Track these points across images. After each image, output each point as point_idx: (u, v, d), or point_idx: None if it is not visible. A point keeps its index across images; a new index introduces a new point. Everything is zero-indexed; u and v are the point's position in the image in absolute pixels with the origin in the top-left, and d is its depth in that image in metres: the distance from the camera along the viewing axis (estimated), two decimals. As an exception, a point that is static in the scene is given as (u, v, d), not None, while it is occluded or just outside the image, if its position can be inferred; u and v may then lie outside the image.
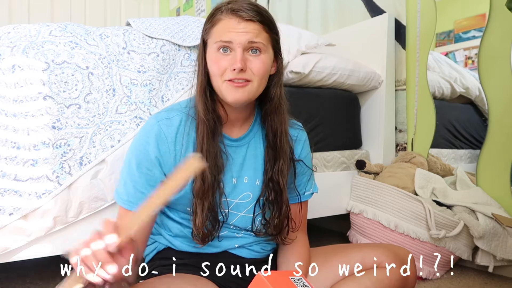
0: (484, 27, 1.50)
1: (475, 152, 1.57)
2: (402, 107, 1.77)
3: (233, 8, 0.78)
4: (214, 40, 0.79)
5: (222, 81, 0.78)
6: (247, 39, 0.77)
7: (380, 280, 0.84)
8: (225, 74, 0.78)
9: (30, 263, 1.46)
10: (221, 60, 0.78)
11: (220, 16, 0.79)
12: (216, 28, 0.79)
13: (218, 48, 0.78)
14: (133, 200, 0.79)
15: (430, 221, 1.31)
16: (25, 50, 0.95)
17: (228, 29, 0.77)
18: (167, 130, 0.80)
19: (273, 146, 0.87)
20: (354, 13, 2.04)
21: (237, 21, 0.77)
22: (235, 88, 0.78)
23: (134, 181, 0.79)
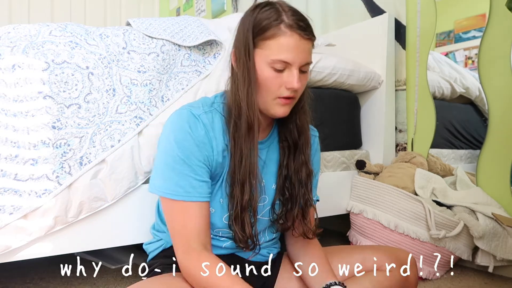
0: (484, 27, 1.50)
1: (475, 152, 1.57)
2: (402, 107, 1.77)
3: (295, 25, 0.76)
4: (271, 55, 0.76)
5: (273, 98, 0.79)
6: (305, 60, 0.78)
7: (380, 282, 0.84)
8: (278, 91, 0.78)
9: (30, 263, 1.46)
10: (278, 78, 0.77)
11: (280, 29, 0.75)
12: (275, 42, 0.75)
13: (274, 66, 0.76)
14: (193, 192, 0.77)
15: (430, 221, 1.31)
16: (25, 50, 0.95)
17: (289, 48, 0.75)
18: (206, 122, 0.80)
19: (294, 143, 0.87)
20: (354, 13, 2.04)
21: (298, 39, 0.76)
22: (284, 105, 0.80)
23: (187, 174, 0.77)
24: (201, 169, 0.78)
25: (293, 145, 0.88)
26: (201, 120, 0.79)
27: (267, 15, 0.77)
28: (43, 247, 0.97)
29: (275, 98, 0.79)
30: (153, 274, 0.87)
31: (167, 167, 0.78)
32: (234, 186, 0.80)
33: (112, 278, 1.36)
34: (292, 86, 0.77)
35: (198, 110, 0.80)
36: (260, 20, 0.77)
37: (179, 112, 0.80)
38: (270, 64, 0.77)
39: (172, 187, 0.76)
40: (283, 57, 0.75)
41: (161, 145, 0.80)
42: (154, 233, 0.97)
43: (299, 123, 0.87)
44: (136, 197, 1.08)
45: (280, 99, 0.79)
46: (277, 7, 0.78)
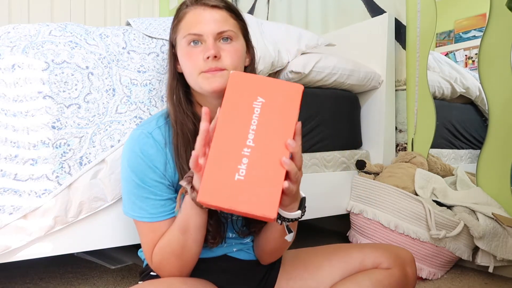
0: (484, 27, 1.50)
1: (475, 152, 1.57)
2: (402, 107, 1.77)
3: (195, 1, 0.78)
4: (183, 35, 0.78)
5: (197, 74, 0.77)
6: (217, 27, 0.76)
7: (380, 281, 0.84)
8: (199, 66, 0.77)
9: (30, 263, 1.46)
10: (193, 53, 0.77)
11: (184, 9, 0.79)
12: (183, 22, 0.79)
13: (188, 42, 0.77)
14: (154, 212, 0.78)
15: (430, 221, 1.31)
16: (25, 50, 0.95)
17: (195, 20, 0.77)
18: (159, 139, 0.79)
19: None
20: (354, 13, 2.04)
21: (202, 9, 0.77)
22: (212, 77, 0.76)
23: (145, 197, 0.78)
24: (160, 188, 0.78)
25: None
26: (153, 137, 0.78)
27: (181, 4, 0.82)
28: (43, 247, 0.97)
29: (199, 73, 0.77)
30: (149, 278, 0.86)
31: (128, 192, 0.79)
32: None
33: (112, 278, 1.36)
34: (208, 53, 0.74)
35: (150, 126, 0.80)
36: (175, 12, 0.82)
37: (132, 134, 0.80)
38: (185, 42, 0.78)
39: (136, 210, 0.78)
40: (192, 30, 0.76)
41: (121, 171, 0.81)
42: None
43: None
44: (136, 197, 1.08)
45: (205, 73, 0.77)
46: None
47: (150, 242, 0.79)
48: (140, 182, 0.77)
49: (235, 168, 0.59)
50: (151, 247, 0.79)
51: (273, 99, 0.63)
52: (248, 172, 0.59)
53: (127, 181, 0.79)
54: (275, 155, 0.60)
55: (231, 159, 0.59)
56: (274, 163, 0.60)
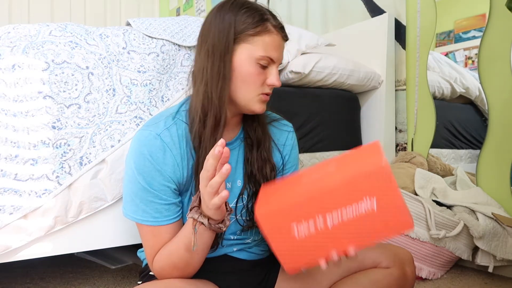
0: (484, 27, 1.50)
1: (475, 152, 1.57)
2: (402, 107, 1.77)
3: (279, 26, 0.79)
4: (258, 51, 0.77)
5: (257, 94, 0.79)
6: (282, 60, 0.82)
7: (379, 280, 0.84)
8: (262, 87, 0.79)
9: (30, 263, 1.46)
10: (262, 75, 0.79)
11: (267, 28, 0.77)
12: (262, 40, 0.77)
13: (259, 62, 0.77)
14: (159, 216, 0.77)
15: (430, 221, 1.31)
16: (25, 50, 0.95)
17: (274, 45, 0.78)
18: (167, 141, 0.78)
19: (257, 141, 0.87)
20: (354, 13, 2.04)
21: (281, 39, 0.80)
22: (264, 102, 0.81)
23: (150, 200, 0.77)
24: (166, 192, 0.77)
25: (256, 142, 0.88)
26: (162, 139, 0.77)
27: (252, 13, 0.77)
28: (43, 247, 0.97)
29: (258, 95, 0.79)
30: (148, 278, 0.86)
31: (132, 194, 0.77)
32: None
33: (112, 278, 1.36)
34: (274, 83, 0.79)
35: (158, 128, 0.78)
36: (247, 17, 0.77)
37: (139, 134, 0.78)
38: (256, 60, 0.77)
39: (140, 213, 0.77)
40: (270, 54, 0.77)
41: (125, 171, 0.80)
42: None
43: (260, 120, 0.88)
44: (136, 197, 1.08)
45: (262, 95, 0.80)
46: (258, 6, 0.80)
47: (152, 246, 0.78)
48: (146, 185, 0.76)
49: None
50: (153, 251, 0.78)
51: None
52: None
53: (132, 183, 0.77)
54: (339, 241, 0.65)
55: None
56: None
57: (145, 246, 0.80)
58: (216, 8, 0.80)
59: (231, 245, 0.88)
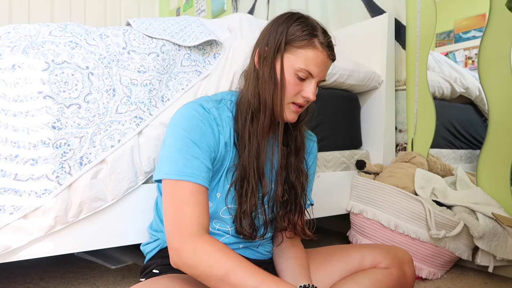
0: (484, 27, 1.50)
1: (475, 152, 1.57)
2: (402, 107, 1.77)
3: (326, 43, 0.82)
4: (299, 63, 0.81)
5: (288, 102, 0.84)
6: (324, 77, 0.85)
7: (379, 280, 0.84)
8: (295, 97, 0.83)
9: (30, 263, 1.46)
10: (298, 86, 0.83)
11: (313, 43, 0.81)
12: (306, 53, 0.81)
13: (297, 74, 0.82)
14: (199, 174, 0.76)
15: (430, 221, 1.31)
16: (25, 50, 0.95)
17: (317, 62, 0.81)
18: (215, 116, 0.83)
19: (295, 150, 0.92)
20: (354, 13, 2.04)
21: (326, 57, 0.83)
22: (295, 111, 0.85)
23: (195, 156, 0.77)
24: (208, 155, 0.79)
25: (294, 151, 0.93)
26: (211, 113, 0.82)
27: (303, 27, 0.82)
28: (43, 247, 0.97)
29: (289, 103, 0.84)
30: (151, 275, 0.86)
31: (175, 151, 0.77)
32: (246, 180, 0.83)
33: (112, 278, 1.36)
34: (308, 96, 0.83)
35: (207, 104, 0.83)
36: (297, 30, 0.82)
37: (189, 104, 0.83)
38: (295, 71, 0.81)
39: (179, 168, 0.75)
40: (309, 68, 0.81)
41: (169, 132, 0.80)
42: (151, 232, 0.97)
43: (302, 132, 0.93)
44: (136, 197, 1.08)
45: (293, 105, 0.84)
46: (312, 22, 0.85)
47: (184, 214, 0.73)
48: (195, 141, 0.77)
49: None
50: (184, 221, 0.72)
51: None
52: None
53: (176, 139, 0.78)
54: None
55: None
56: None
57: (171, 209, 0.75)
58: (276, 18, 0.88)
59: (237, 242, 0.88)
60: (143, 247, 0.97)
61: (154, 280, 0.78)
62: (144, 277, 0.89)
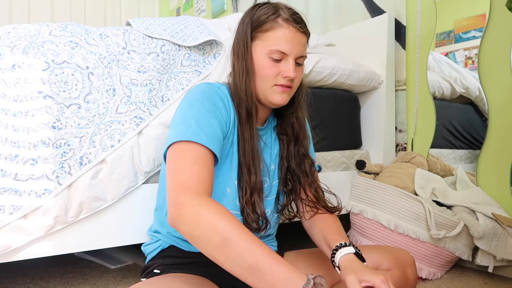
0: (484, 27, 1.50)
1: (475, 152, 1.57)
2: (402, 107, 1.77)
3: (291, 19, 0.82)
4: (269, 46, 0.82)
5: (271, 85, 0.84)
6: (300, 52, 0.84)
7: None
8: (276, 79, 0.84)
9: (30, 263, 1.46)
10: (274, 67, 0.83)
11: (277, 23, 0.82)
12: (273, 34, 0.82)
13: (271, 56, 0.82)
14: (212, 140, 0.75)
15: (430, 221, 1.31)
16: (25, 50, 0.95)
17: (285, 39, 0.82)
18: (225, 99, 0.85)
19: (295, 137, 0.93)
20: (354, 13, 2.04)
21: (294, 31, 0.82)
22: (282, 92, 0.85)
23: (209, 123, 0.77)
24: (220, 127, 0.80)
25: (293, 138, 0.93)
26: (221, 90, 0.85)
27: (265, 11, 0.84)
28: (43, 247, 0.97)
29: (272, 86, 0.84)
30: (152, 275, 0.86)
31: (189, 116, 0.76)
32: (242, 170, 0.84)
33: (112, 278, 1.36)
34: (288, 74, 0.82)
35: (216, 84, 0.86)
36: (259, 15, 0.84)
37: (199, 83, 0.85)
38: (268, 54, 0.82)
39: (192, 130, 0.73)
40: (280, 47, 0.81)
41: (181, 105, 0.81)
42: (151, 234, 0.97)
43: (299, 117, 0.93)
44: (136, 197, 1.08)
45: (277, 86, 0.84)
46: (275, 5, 0.85)
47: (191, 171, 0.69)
48: (209, 109, 0.78)
49: None
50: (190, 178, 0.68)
51: None
52: None
53: (191, 107, 0.78)
54: None
55: None
56: None
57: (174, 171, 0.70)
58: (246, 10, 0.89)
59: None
60: (144, 248, 0.97)
61: (155, 280, 0.78)
62: (145, 277, 0.89)
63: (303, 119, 0.95)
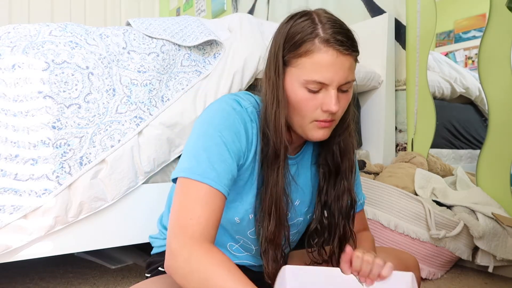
0: (484, 27, 1.50)
1: (475, 152, 1.57)
2: (402, 107, 1.77)
3: (332, 39, 0.66)
4: (304, 75, 0.68)
5: (309, 121, 0.71)
6: (344, 78, 0.68)
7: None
8: (315, 114, 0.70)
9: (30, 263, 1.46)
10: (312, 100, 0.69)
11: (315, 45, 0.67)
12: (309, 60, 0.67)
13: (308, 87, 0.68)
14: (222, 179, 0.67)
15: (430, 221, 1.31)
16: (25, 50, 0.95)
17: (325, 66, 0.66)
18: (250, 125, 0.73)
19: (335, 168, 0.79)
20: (354, 13, 2.04)
21: (335, 56, 0.67)
22: (321, 128, 0.72)
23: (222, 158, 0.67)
24: (237, 160, 0.70)
25: (334, 170, 0.80)
26: (248, 114, 0.72)
27: (301, 28, 0.69)
28: (43, 247, 0.97)
29: (311, 121, 0.71)
30: (156, 272, 0.86)
31: (201, 149, 0.68)
32: (261, 213, 0.74)
33: (112, 278, 1.36)
34: (329, 108, 0.68)
35: (245, 102, 0.74)
36: (293, 34, 0.69)
37: (226, 97, 0.73)
38: (303, 84, 0.68)
39: (203, 168, 0.66)
40: (317, 77, 0.67)
41: (197, 127, 0.71)
42: (160, 229, 0.93)
43: (342, 146, 0.79)
44: (136, 197, 1.08)
45: (317, 122, 0.71)
46: (313, 18, 0.70)
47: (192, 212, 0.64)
48: (226, 140, 0.68)
49: None
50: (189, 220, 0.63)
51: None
52: None
53: (205, 135, 0.68)
54: None
55: None
56: None
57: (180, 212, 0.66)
58: (282, 22, 0.74)
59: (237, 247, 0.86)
60: (152, 239, 0.94)
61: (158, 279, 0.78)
62: (150, 273, 0.89)
63: (348, 147, 0.79)
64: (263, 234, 0.74)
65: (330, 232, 0.81)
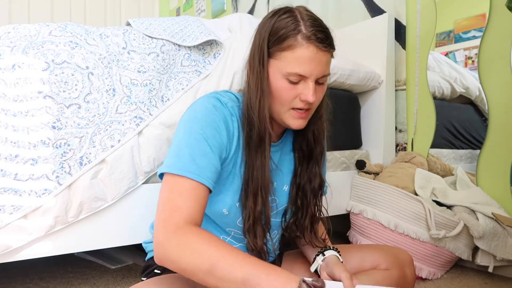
0: (484, 27, 1.50)
1: (475, 152, 1.57)
2: (402, 107, 1.77)
3: (313, 37, 0.73)
4: (286, 67, 0.74)
5: (287, 109, 0.78)
6: (321, 72, 0.75)
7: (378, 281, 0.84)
8: (293, 102, 0.77)
9: (30, 263, 1.46)
10: (291, 90, 0.76)
11: (297, 40, 0.73)
12: (291, 54, 0.73)
13: (289, 78, 0.75)
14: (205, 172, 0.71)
15: (430, 221, 1.31)
16: (25, 50, 0.95)
17: (305, 60, 0.73)
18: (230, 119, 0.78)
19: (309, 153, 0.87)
20: (354, 13, 2.04)
21: (315, 51, 0.73)
22: (299, 117, 0.78)
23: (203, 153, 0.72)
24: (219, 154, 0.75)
25: (308, 154, 0.88)
26: (228, 108, 0.78)
27: (284, 24, 0.74)
28: (43, 247, 0.97)
29: (289, 109, 0.78)
30: (152, 275, 0.86)
31: (183, 145, 0.73)
32: (247, 196, 0.79)
33: (112, 278, 1.36)
34: (307, 99, 0.75)
35: (225, 99, 0.79)
36: (277, 29, 0.75)
37: (207, 96, 0.79)
38: (285, 76, 0.75)
39: (184, 163, 0.70)
40: (298, 70, 0.73)
41: (181, 125, 0.76)
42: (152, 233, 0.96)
43: (316, 133, 0.87)
44: (136, 197, 1.08)
45: (294, 111, 0.78)
46: (296, 15, 0.75)
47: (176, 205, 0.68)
48: (207, 136, 0.73)
49: None
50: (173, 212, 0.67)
51: None
52: None
53: (188, 133, 0.73)
54: None
55: None
56: None
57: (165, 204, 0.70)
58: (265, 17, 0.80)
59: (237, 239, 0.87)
60: (146, 245, 0.97)
61: (155, 280, 0.78)
62: (146, 277, 0.89)
63: (321, 135, 0.88)
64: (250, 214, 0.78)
65: (302, 211, 0.88)
